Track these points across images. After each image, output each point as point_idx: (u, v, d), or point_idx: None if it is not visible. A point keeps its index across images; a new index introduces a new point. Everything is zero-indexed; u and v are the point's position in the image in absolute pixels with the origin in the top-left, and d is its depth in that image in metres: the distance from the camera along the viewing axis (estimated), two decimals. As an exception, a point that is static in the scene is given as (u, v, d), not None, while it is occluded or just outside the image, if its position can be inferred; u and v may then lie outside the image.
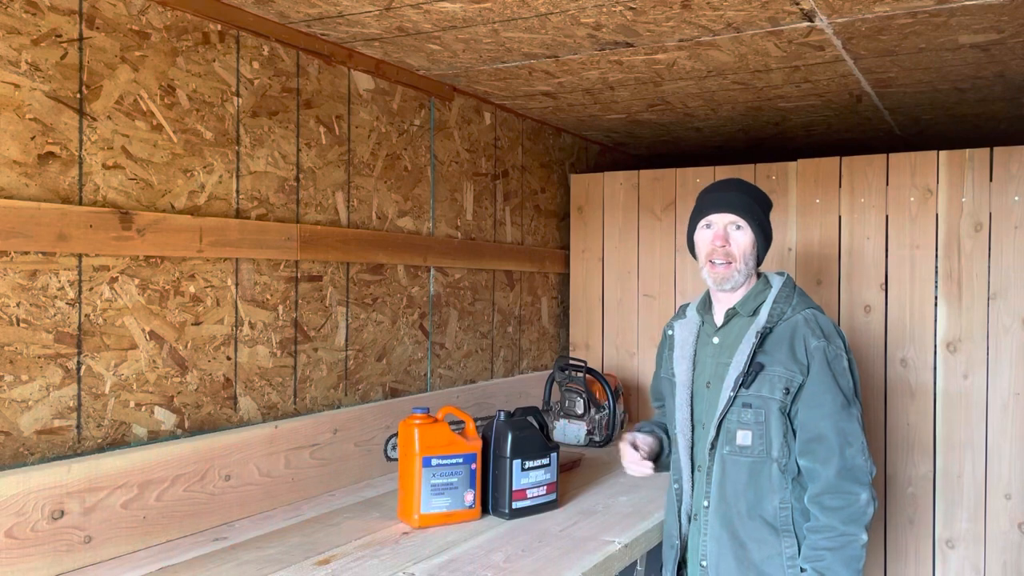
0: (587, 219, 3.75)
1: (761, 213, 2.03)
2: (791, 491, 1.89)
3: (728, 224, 1.99)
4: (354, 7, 2.10)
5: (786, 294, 1.99)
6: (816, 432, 1.85)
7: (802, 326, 1.92)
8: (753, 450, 1.90)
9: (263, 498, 2.17)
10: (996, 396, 2.90)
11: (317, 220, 2.43)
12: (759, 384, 1.90)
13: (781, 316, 1.95)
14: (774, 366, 1.90)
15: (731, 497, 1.92)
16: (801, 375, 1.88)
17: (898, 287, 3.05)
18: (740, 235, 1.99)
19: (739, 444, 1.91)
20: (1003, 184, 2.89)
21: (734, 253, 1.98)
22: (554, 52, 2.49)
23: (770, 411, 1.89)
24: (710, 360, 2.02)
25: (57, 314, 1.76)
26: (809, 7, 2.06)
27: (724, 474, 1.93)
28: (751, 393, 1.90)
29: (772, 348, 1.92)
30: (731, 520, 1.92)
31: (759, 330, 1.92)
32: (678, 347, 2.11)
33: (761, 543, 1.89)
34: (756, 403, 1.90)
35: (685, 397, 2.04)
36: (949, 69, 2.65)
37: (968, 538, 2.94)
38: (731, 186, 2.06)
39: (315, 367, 2.43)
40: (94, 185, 1.83)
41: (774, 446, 1.88)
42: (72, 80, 1.78)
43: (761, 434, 1.89)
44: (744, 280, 2.00)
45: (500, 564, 1.82)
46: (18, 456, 1.69)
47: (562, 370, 3.23)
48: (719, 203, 2.01)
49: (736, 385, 1.91)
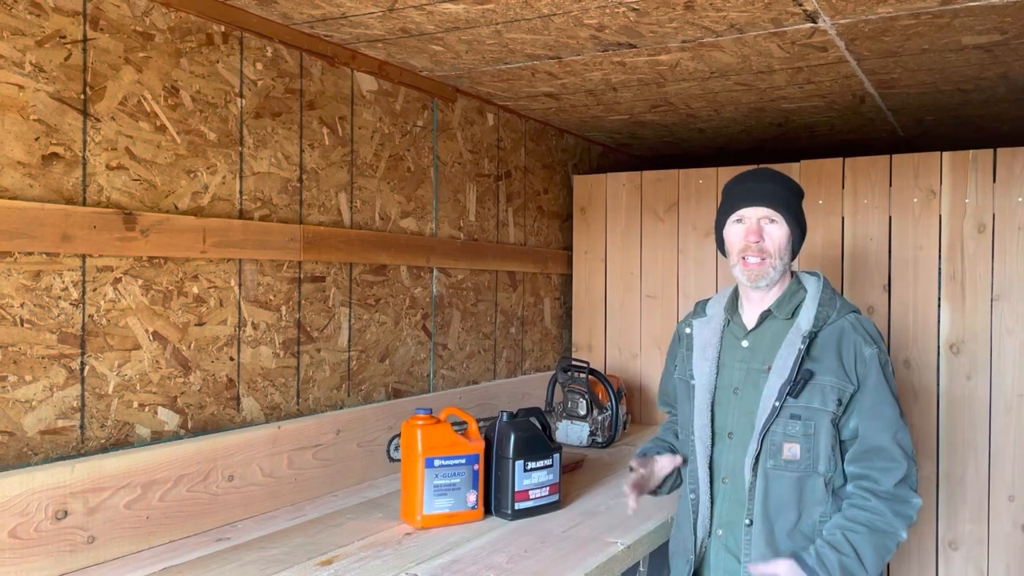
0: (590, 220, 3.75)
1: (796, 205, 1.90)
2: (831, 504, 1.80)
3: (762, 218, 1.86)
4: (357, 8, 2.11)
5: (828, 296, 1.87)
6: (876, 444, 1.76)
7: (850, 331, 1.81)
8: (800, 464, 1.79)
9: (266, 498, 2.17)
10: (999, 397, 2.90)
11: (320, 221, 2.43)
12: (809, 394, 1.78)
13: (827, 320, 1.83)
14: (824, 375, 1.78)
15: (774, 514, 1.81)
16: (851, 384, 1.78)
17: (901, 288, 3.05)
18: (775, 229, 1.86)
19: (785, 458, 1.79)
20: (1007, 185, 2.89)
21: (769, 249, 1.85)
22: (557, 53, 2.49)
23: (820, 423, 1.78)
24: (739, 364, 1.90)
25: (61, 315, 1.76)
26: (812, 8, 2.06)
27: (768, 490, 1.81)
28: (800, 404, 1.78)
29: (820, 355, 1.80)
30: (774, 538, 1.81)
31: (804, 335, 1.80)
32: (698, 348, 1.98)
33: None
34: (805, 415, 1.78)
35: (705, 402, 1.92)
36: (952, 70, 2.65)
37: (971, 540, 2.93)
38: (762, 177, 1.92)
39: (318, 368, 2.43)
40: (98, 186, 1.83)
41: (821, 460, 1.78)
42: (76, 81, 1.78)
43: (809, 447, 1.78)
44: (779, 277, 1.88)
45: (503, 565, 1.82)
46: (22, 456, 1.70)
47: (565, 371, 3.23)
48: (751, 195, 1.87)
49: (782, 394, 1.79)
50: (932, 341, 3.00)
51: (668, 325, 3.56)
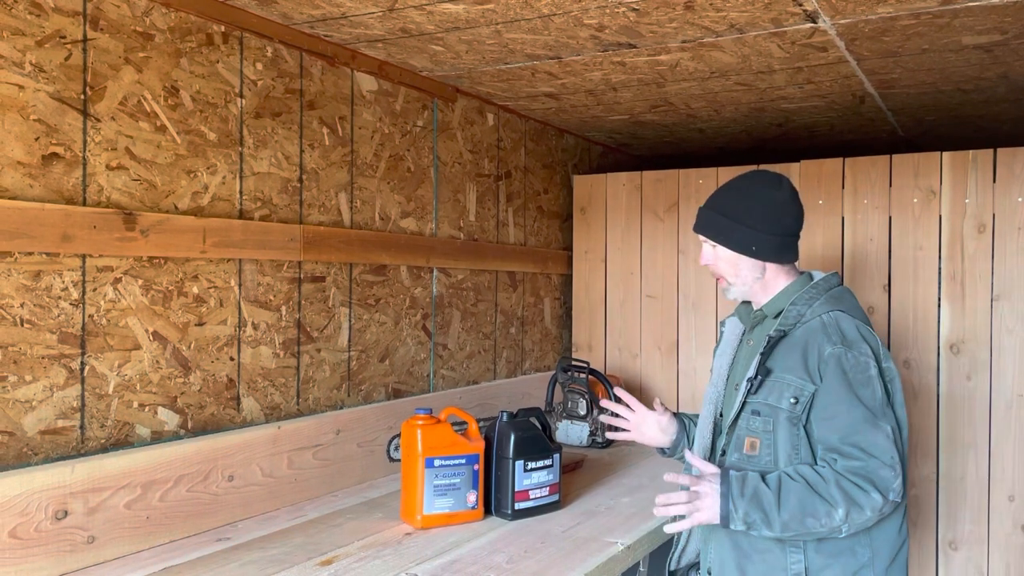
0: (590, 220, 3.75)
1: (727, 222, 1.92)
2: None
3: (704, 243, 1.98)
4: (357, 8, 2.11)
5: (809, 296, 1.88)
6: (828, 445, 1.75)
7: (818, 331, 1.82)
8: (760, 460, 1.82)
9: (266, 498, 2.17)
10: (999, 397, 2.90)
11: (320, 221, 2.43)
12: (766, 391, 1.82)
13: (799, 319, 1.85)
14: (784, 373, 1.81)
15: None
16: (813, 384, 1.78)
17: (901, 288, 3.05)
18: (716, 253, 1.95)
19: (746, 452, 1.84)
20: (1007, 185, 2.89)
21: (718, 270, 1.97)
22: (557, 53, 2.49)
23: (778, 420, 1.80)
24: (743, 362, 1.97)
25: (61, 315, 1.76)
26: (812, 8, 2.06)
27: None
28: (759, 400, 1.83)
29: (784, 353, 1.83)
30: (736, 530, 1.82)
31: (769, 333, 1.86)
32: (723, 343, 2.07)
33: (765, 555, 1.80)
34: (764, 411, 1.82)
35: (714, 395, 2.00)
36: (952, 70, 2.65)
37: (971, 540, 2.93)
38: (710, 198, 2.00)
39: (318, 368, 2.43)
40: (98, 186, 1.83)
41: (781, 458, 1.79)
42: (76, 81, 1.78)
43: (769, 444, 1.81)
44: (746, 290, 1.95)
45: (503, 565, 1.82)
46: (22, 456, 1.70)
47: (565, 371, 3.23)
48: (696, 221, 2.00)
49: (746, 391, 1.85)
50: (932, 341, 3.00)
51: (668, 325, 3.56)
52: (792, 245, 1.96)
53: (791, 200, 1.94)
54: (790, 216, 1.94)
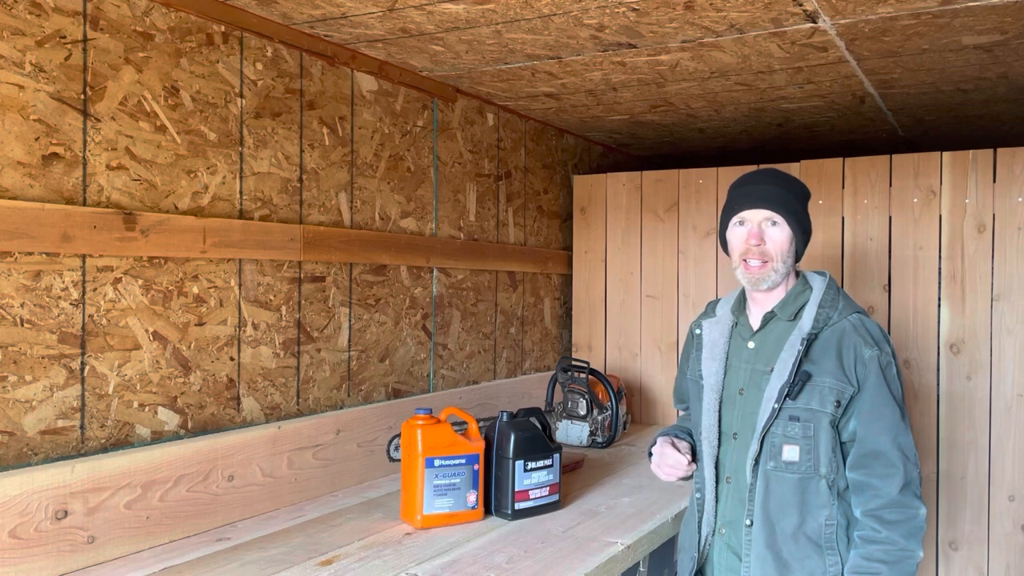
0: (590, 220, 3.75)
1: (799, 206, 1.89)
2: (837, 507, 1.79)
3: (763, 220, 1.85)
4: (357, 8, 2.11)
5: (831, 297, 1.86)
6: (874, 447, 1.75)
7: (851, 332, 1.80)
8: (800, 466, 1.78)
9: (266, 498, 2.17)
10: (999, 397, 2.90)
11: (320, 221, 2.43)
12: (807, 395, 1.78)
13: (827, 321, 1.82)
14: (822, 376, 1.78)
15: (775, 515, 1.81)
16: (852, 386, 1.77)
17: (901, 288, 3.05)
18: (776, 232, 1.85)
19: (785, 459, 1.79)
20: (1007, 185, 2.89)
21: (770, 252, 1.85)
22: (557, 53, 2.49)
23: (819, 425, 1.77)
24: (744, 366, 1.91)
25: (61, 315, 1.76)
26: (812, 8, 2.06)
27: (768, 491, 1.81)
28: (798, 405, 1.78)
29: (819, 356, 1.80)
30: (775, 540, 1.80)
31: (804, 337, 1.80)
32: (707, 348, 1.98)
33: (805, 562, 1.78)
34: (804, 416, 1.78)
35: (713, 402, 1.93)
36: (952, 70, 2.65)
37: (971, 540, 2.93)
38: (765, 178, 1.90)
39: (318, 368, 2.43)
40: (98, 186, 1.83)
41: (822, 462, 1.77)
42: (76, 81, 1.78)
43: (809, 449, 1.78)
44: (782, 280, 1.88)
45: (503, 565, 1.82)
46: (22, 456, 1.70)
47: (565, 371, 3.23)
48: (753, 198, 1.86)
49: (781, 396, 1.79)
50: (932, 341, 3.00)
51: (668, 325, 3.56)
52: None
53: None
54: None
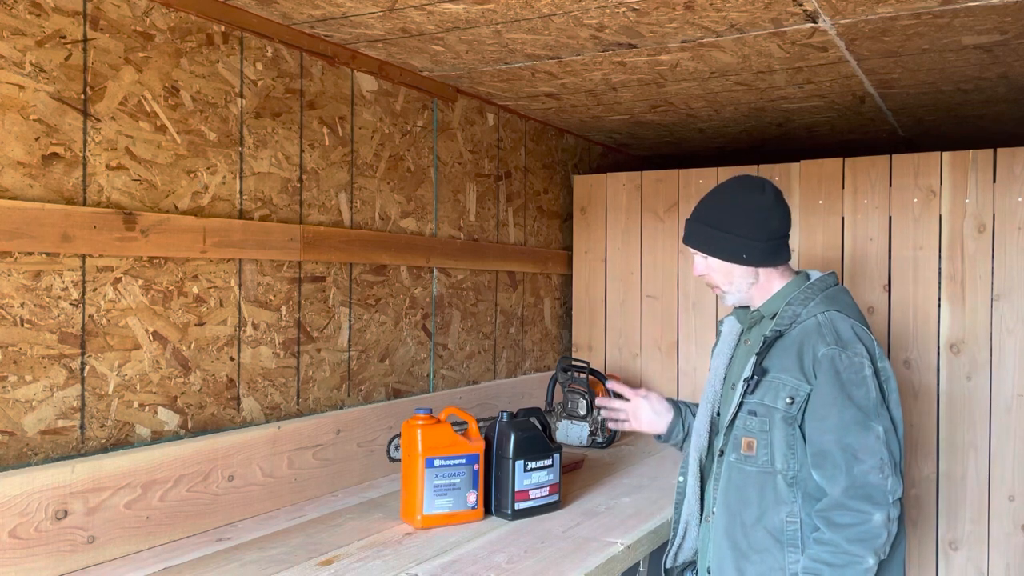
0: (590, 220, 3.75)
1: (712, 231, 1.94)
2: (800, 504, 1.80)
3: (695, 255, 2.01)
4: (357, 8, 2.11)
5: (804, 296, 1.88)
6: (820, 447, 1.76)
7: (813, 331, 1.82)
8: (758, 460, 1.84)
9: (266, 498, 2.17)
10: (1000, 397, 2.90)
11: (320, 221, 2.43)
12: (762, 391, 1.84)
13: (794, 319, 1.86)
14: (780, 373, 1.83)
15: (735, 506, 1.87)
16: (808, 384, 1.79)
17: (901, 288, 3.05)
18: (708, 263, 1.98)
19: (743, 452, 1.86)
20: (1007, 185, 2.89)
21: (712, 280, 2.00)
22: (557, 53, 2.49)
23: (773, 421, 1.81)
24: (739, 362, 1.99)
25: (61, 315, 1.76)
26: (812, 8, 2.06)
27: (729, 482, 1.88)
28: (755, 400, 1.84)
29: (780, 354, 1.85)
30: (733, 529, 1.86)
31: (765, 334, 1.88)
32: (721, 342, 2.09)
33: (764, 554, 1.82)
34: (760, 411, 1.83)
35: (711, 395, 2.02)
36: (952, 70, 2.65)
37: (971, 540, 2.93)
38: (695, 210, 2.01)
39: (318, 368, 2.43)
40: (98, 186, 1.83)
41: (777, 458, 1.81)
42: (76, 81, 1.78)
43: (766, 444, 1.82)
44: (743, 294, 1.98)
45: (503, 565, 1.82)
46: (22, 456, 1.70)
47: (565, 371, 3.23)
48: (685, 234, 2.02)
49: (743, 391, 1.86)
50: (932, 341, 3.00)
51: (668, 325, 3.56)
52: (782, 247, 1.96)
53: (775, 203, 1.94)
54: (776, 219, 1.94)
